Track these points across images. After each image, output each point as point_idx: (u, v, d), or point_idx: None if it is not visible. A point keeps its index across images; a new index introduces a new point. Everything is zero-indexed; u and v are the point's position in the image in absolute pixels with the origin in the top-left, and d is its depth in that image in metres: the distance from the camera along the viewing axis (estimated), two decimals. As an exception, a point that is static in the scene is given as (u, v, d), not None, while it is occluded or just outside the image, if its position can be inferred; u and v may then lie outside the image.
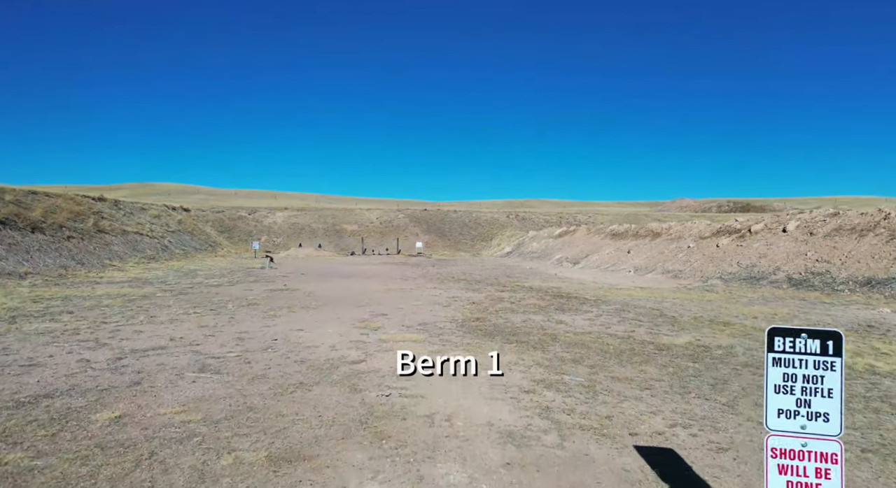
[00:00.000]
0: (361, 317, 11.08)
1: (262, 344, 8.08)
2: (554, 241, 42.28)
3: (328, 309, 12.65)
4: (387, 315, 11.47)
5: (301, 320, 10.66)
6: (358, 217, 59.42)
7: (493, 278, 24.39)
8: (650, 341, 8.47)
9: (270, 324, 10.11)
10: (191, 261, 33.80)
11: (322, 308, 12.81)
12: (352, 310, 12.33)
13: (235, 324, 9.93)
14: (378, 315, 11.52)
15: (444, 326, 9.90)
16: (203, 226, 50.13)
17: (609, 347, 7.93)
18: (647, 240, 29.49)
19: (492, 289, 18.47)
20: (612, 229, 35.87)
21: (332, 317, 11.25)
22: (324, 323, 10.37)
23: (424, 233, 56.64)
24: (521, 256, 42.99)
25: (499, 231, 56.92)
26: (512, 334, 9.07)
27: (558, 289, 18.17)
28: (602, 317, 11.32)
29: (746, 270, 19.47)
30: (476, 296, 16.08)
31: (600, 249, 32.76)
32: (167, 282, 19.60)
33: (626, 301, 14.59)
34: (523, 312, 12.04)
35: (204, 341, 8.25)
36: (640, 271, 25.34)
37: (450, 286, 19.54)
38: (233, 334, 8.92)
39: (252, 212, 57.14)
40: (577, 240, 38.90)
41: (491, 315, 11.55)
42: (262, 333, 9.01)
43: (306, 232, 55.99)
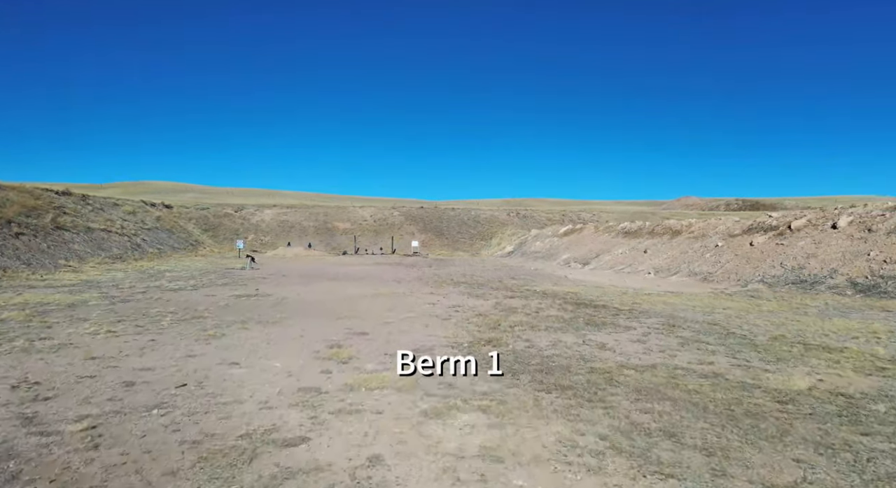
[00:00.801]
0: (332, 339, 8.25)
1: (154, 396, 5.18)
2: (559, 240, 39.55)
3: (294, 324, 9.83)
4: (367, 334, 8.65)
5: (246, 344, 7.82)
6: (351, 215, 56.56)
7: (497, 281, 21.62)
8: (754, 384, 5.69)
9: (199, 351, 7.26)
10: (164, 260, 30.91)
11: (286, 322, 9.98)
12: (324, 326, 9.51)
13: (146, 354, 7.07)
14: (356, 334, 8.70)
15: (445, 355, 7.11)
16: (185, 223, 47.19)
17: (702, 399, 5.14)
18: (665, 239, 26.77)
19: (499, 294, 15.70)
20: (624, 227, 33.13)
21: (294, 337, 8.41)
22: (277, 349, 7.56)
23: (421, 232, 53.82)
24: (524, 256, 40.25)
25: (499, 229, 54.15)
26: (545, 371, 6.27)
27: (577, 295, 15.41)
28: (652, 337, 8.55)
29: (793, 273, 16.74)
30: (482, 304, 13.29)
31: (612, 249, 30.04)
32: (119, 287, 16.75)
33: (668, 311, 11.83)
34: (546, 329, 9.25)
35: (64, 390, 5.34)
36: (661, 273, 22.61)
37: (449, 291, 16.77)
38: (126, 372, 6.04)
39: (239, 210, 54.21)
40: (585, 238, 36.17)
41: (506, 334, 8.76)
42: (174, 371, 6.14)
43: (296, 230, 53.10)
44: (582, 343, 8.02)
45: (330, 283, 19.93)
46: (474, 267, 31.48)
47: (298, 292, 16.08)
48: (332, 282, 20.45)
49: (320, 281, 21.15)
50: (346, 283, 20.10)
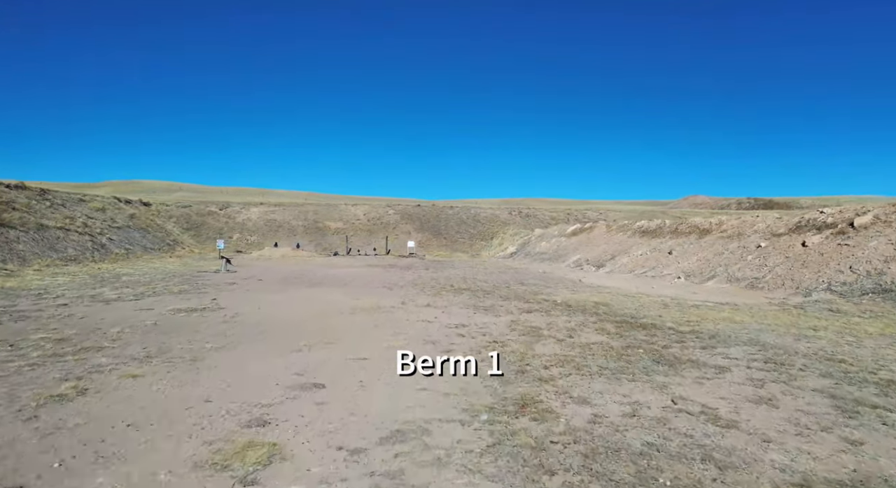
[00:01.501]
0: (259, 403, 5.04)
1: None
2: (567, 240, 36.47)
3: (218, 362, 6.66)
4: (324, 388, 5.47)
5: (84, 430, 4.67)
6: (343, 213, 53.37)
7: (505, 286, 18.53)
8: None
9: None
10: (131, 262, 27.69)
11: (209, 360, 6.80)
12: (263, 369, 6.36)
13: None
14: (306, 388, 5.52)
15: (449, 449, 3.99)
16: (164, 222, 43.94)
17: None
18: (691, 239, 23.72)
19: (511, 306, 12.60)
20: (641, 225, 30.07)
21: (194, 401, 5.22)
22: (135, 439, 4.42)
23: (417, 232, 50.69)
24: (529, 257, 37.17)
25: (500, 229, 51.05)
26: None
27: (609, 308, 12.31)
28: (773, 389, 5.46)
29: (871, 279, 13.69)
30: (493, 323, 10.17)
31: (629, 250, 26.97)
32: (44, 296, 13.57)
33: (745, 334, 8.74)
34: (601, 374, 6.13)
35: None
36: (692, 277, 19.55)
37: (449, 301, 13.66)
38: None
39: (224, 208, 50.97)
40: (597, 238, 33.11)
41: (544, 386, 5.62)
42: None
43: (284, 229, 49.90)
44: (674, 408, 4.91)
45: (309, 291, 16.81)
46: (475, 269, 28.38)
47: (265, 303, 12.95)
48: (312, 289, 17.33)
49: (298, 287, 18.03)
50: (328, 290, 16.99)
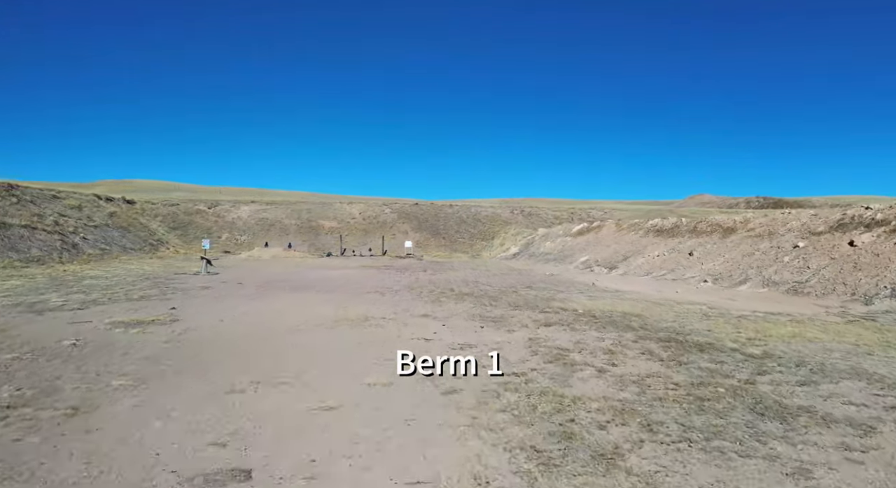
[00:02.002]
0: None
1: None
2: (573, 240, 34.43)
3: (105, 419, 4.56)
4: (250, 479, 3.44)
5: None
6: (338, 212, 51.25)
7: (512, 291, 16.47)
8: None
9: None
10: (105, 263, 25.55)
11: (94, 415, 4.66)
12: (165, 428, 4.30)
13: None
14: (215, 483, 3.48)
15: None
16: (148, 221, 41.78)
17: None
18: (714, 238, 21.67)
19: (525, 317, 10.52)
20: (655, 224, 28.02)
21: None
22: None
23: (415, 231, 48.62)
24: (533, 258, 35.12)
25: (501, 229, 48.98)
26: None
27: (644, 320, 10.23)
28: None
29: (946, 285, 11.63)
30: (507, 341, 8.08)
31: (644, 250, 24.92)
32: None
33: (849, 364, 6.69)
34: (689, 441, 4.07)
35: None
36: (720, 281, 17.50)
37: (451, 309, 11.59)
38: None
39: (213, 206, 48.80)
40: (605, 238, 31.06)
41: (615, 478, 3.55)
42: None
43: (276, 229, 47.78)
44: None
45: (290, 296, 14.72)
46: (477, 271, 26.32)
47: (230, 315, 10.85)
48: (295, 295, 15.24)
49: (280, 292, 15.94)
50: (312, 296, 14.91)
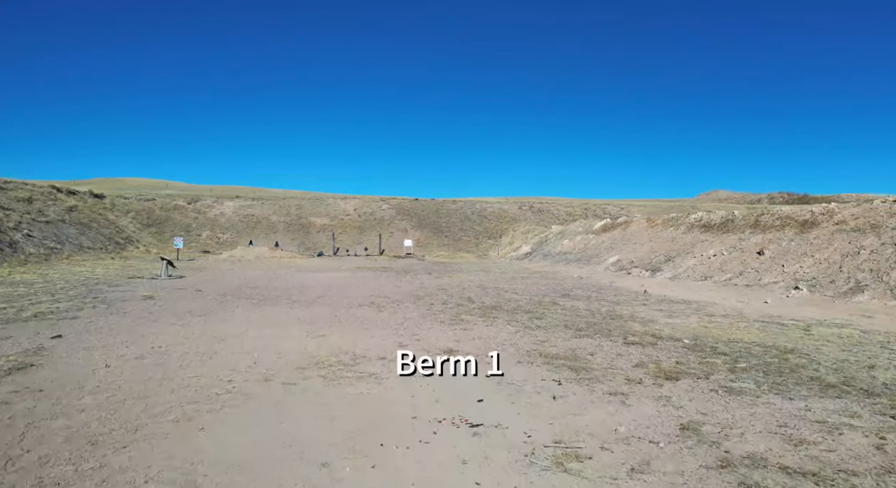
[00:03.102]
0: None
1: None
2: (597, 238, 30.36)
3: None
4: None
5: None
6: (330, 208, 47.05)
7: (550, 302, 12.37)
8: None
9: None
10: (46, 266, 21.34)
11: None
12: None
13: None
14: None
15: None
16: (118, 217, 37.51)
17: None
18: (788, 234, 17.62)
19: (609, 355, 6.41)
20: (699, 218, 23.95)
21: None
22: None
23: (415, 229, 44.49)
24: (549, 258, 31.03)
25: (509, 226, 44.88)
26: None
27: (789, 355, 6.09)
28: None
29: None
30: (634, 433, 3.92)
31: (692, 249, 20.86)
32: None
33: None
34: None
35: None
36: (819, 288, 13.44)
37: (485, 338, 7.44)
38: None
39: (193, 201, 44.52)
40: (636, 235, 27.00)
41: None
42: None
43: (263, 226, 43.57)
44: None
45: (250, 314, 10.56)
46: (492, 274, 22.20)
47: (131, 353, 6.68)
48: (258, 310, 11.08)
49: (240, 306, 11.78)
50: (281, 312, 10.76)
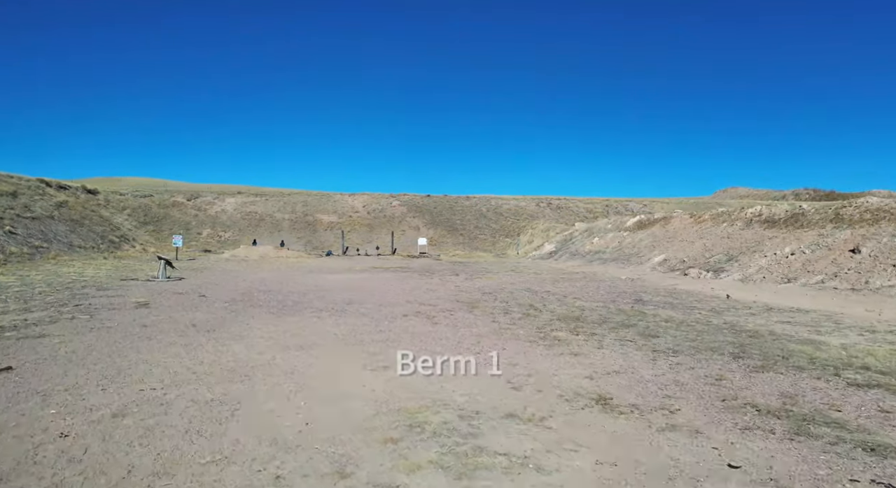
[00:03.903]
0: None
1: None
2: (632, 236, 28.02)
3: None
4: None
5: None
6: (338, 205, 44.65)
7: (635, 311, 10.01)
8: None
9: None
10: (30, 266, 18.97)
11: None
12: None
13: None
14: None
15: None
16: (112, 214, 35.11)
17: None
18: (888, 229, 15.28)
19: (821, 402, 4.05)
20: (756, 212, 21.61)
21: None
22: None
23: (427, 227, 42.13)
24: (578, 257, 28.67)
25: (527, 223, 42.52)
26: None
27: None
28: None
29: None
30: None
31: (757, 247, 18.53)
32: None
33: None
34: None
35: None
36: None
37: (618, 369, 5.05)
38: None
39: (193, 198, 42.11)
40: (681, 232, 24.67)
41: None
42: None
43: (267, 224, 41.18)
44: None
45: (271, 328, 8.21)
46: (527, 275, 19.84)
47: (78, 413, 4.29)
48: (281, 322, 8.73)
49: (256, 316, 9.43)
50: (316, 324, 8.43)
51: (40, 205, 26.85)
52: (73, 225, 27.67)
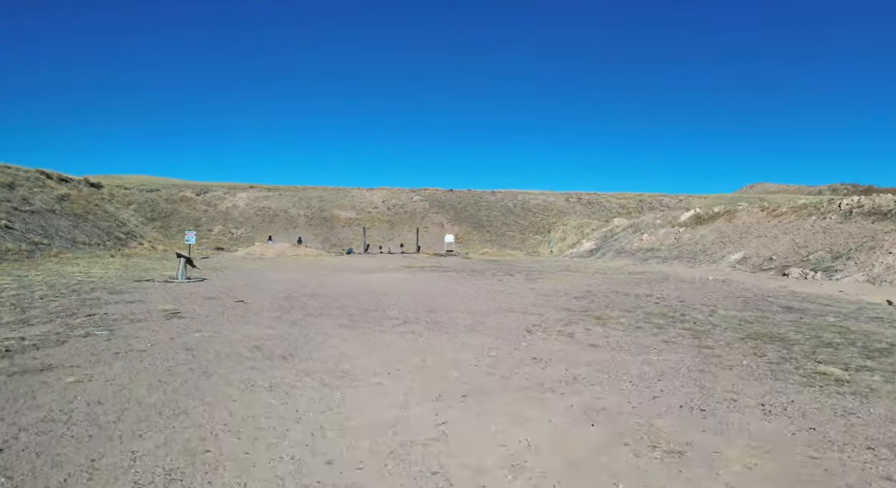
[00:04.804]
0: None
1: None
2: (691, 232, 25.55)
3: None
4: None
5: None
6: (356, 200, 42.18)
7: (823, 326, 7.50)
8: None
9: None
10: (29, 264, 16.52)
11: None
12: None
13: None
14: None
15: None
16: (118, 209, 32.65)
17: None
18: None
19: None
20: (857, 202, 19.10)
21: None
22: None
23: (451, 223, 39.65)
24: (627, 256, 26.19)
25: (558, 220, 40.04)
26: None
27: None
28: None
29: None
30: None
31: (875, 242, 16.04)
32: None
33: None
34: None
35: None
36: None
37: None
38: None
39: (202, 193, 39.63)
40: (755, 227, 22.20)
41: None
42: None
43: (281, 220, 38.72)
44: None
45: (371, 351, 5.71)
46: (587, 275, 17.37)
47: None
48: (374, 342, 6.21)
49: (332, 331, 6.95)
50: (417, 344, 5.91)
51: (40, 198, 24.39)
52: (77, 220, 25.21)
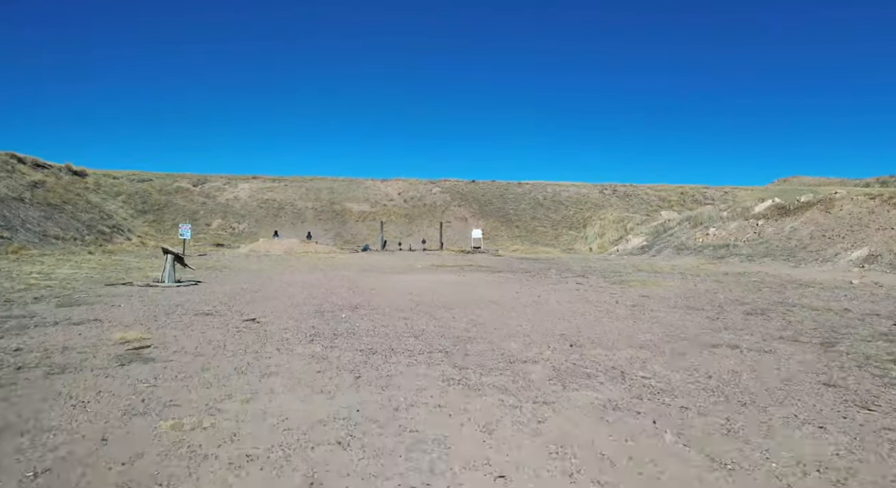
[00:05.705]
0: None
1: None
2: (776, 224, 21.76)
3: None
4: None
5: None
6: (369, 192, 38.37)
7: None
8: None
9: None
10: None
11: None
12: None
13: None
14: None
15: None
16: (103, 200, 28.89)
17: None
18: None
19: None
20: None
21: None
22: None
23: (475, 217, 35.87)
24: (691, 253, 22.37)
25: (593, 213, 36.23)
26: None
27: None
28: None
29: None
30: None
31: None
32: None
33: None
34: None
35: None
36: None
37: None
38: None
39: (199, 183, 35.86)
40: (870, 218, 18.42)
41: None
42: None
43: (287, 213, 34.93)
44: None
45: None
46: (683, 282, 13.55)
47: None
48: (536, 442, 2.51)
49: (412, 394, 3.18)
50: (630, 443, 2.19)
51: (6, 184, 20.63)
52: (51, 210, 21.45)
